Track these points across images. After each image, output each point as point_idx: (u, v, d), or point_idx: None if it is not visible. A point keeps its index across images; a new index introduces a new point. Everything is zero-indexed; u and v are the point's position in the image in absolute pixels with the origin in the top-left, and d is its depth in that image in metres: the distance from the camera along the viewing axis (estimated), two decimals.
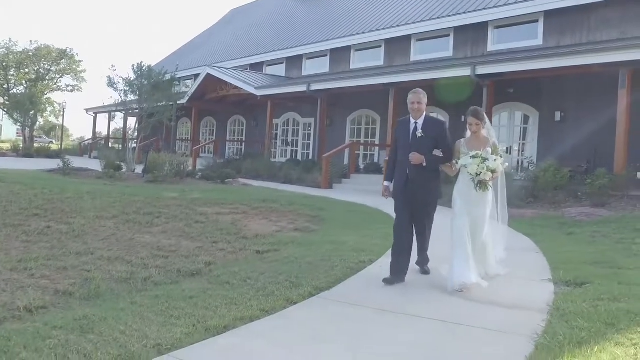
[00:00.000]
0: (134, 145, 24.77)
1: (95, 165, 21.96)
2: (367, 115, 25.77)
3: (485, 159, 5.93)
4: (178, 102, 21.01)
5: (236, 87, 27.57)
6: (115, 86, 19.52)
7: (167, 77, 21.03)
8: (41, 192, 12.85)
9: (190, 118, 33.96)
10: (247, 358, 4.08)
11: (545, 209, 12.66)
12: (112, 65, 28.36)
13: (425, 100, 6.47)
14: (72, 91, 62.06)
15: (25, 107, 36.48)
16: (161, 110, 18.90)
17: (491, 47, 20.95)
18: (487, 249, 6.47)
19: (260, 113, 30.38)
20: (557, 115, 18.11)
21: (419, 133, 6.33)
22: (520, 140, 19.99)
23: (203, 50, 42.27)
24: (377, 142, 24.56)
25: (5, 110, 56.37)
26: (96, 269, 6.47)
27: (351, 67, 27.08)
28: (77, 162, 25.00)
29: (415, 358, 4.28)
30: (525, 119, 19.82)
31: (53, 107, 62.54)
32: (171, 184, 16.42)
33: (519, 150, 19.89)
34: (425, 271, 6.80)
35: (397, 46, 24.75)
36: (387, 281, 6.21)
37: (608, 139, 14.85)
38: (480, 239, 6.29)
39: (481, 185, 6.00)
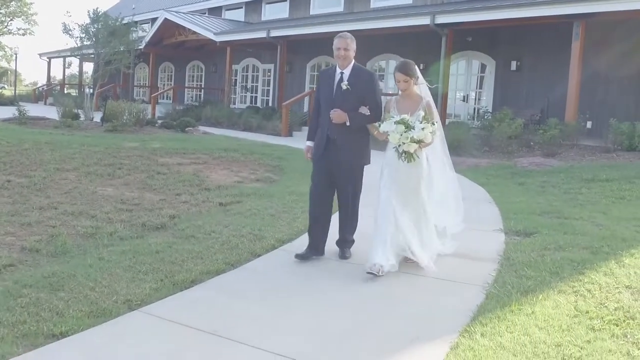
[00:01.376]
0: (90, 92, 24.28)
1: (52, 113, 21.54)
2: (327, 62, 25.69)
3: (409, 127, 5.05)
4: (136, 49, 20.55)
5: (195, 33, 27.10)
6: (70, 33, 19.04)
7: (124, 22, 20.55)
8: None
9: (147, 64, 33.33)
10: (215, 311, 4.28)
11: (499, 159, 13.07)
12: (67, 11, 27.53)
13: (353, 46, 5.50)
14: (23, 35, 60.34)
15: None
16: (118, 57, 18.54)
17: None
18: (421, 225, 5.52)
19: (219, 59, 30.02)
20: (513, 65, 18.45)
21: (344, 85, 5.42)
22: (477, 88, 20.30)
23: None
24: None
25: None
26: (61, 225, 6.54)
27: (311, 13, 26.86)
28: (32, 109, 24.41)
29: (380, 305, 4.54)
30: (482, 68, 20.10)
31: (4, 51, 60.68)
32: (131, 133, 16.29)
33: (475, 99, 20.23)
34: (343, 255, 5.74)
35: None
36: (299, 256, 5.54)
37: (561, 89, 15.27)
38: (412, 215, 5.44)
39: (406, 155, 5.20)
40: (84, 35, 18.64)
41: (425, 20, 17.22)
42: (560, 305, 4.44)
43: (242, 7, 31.20)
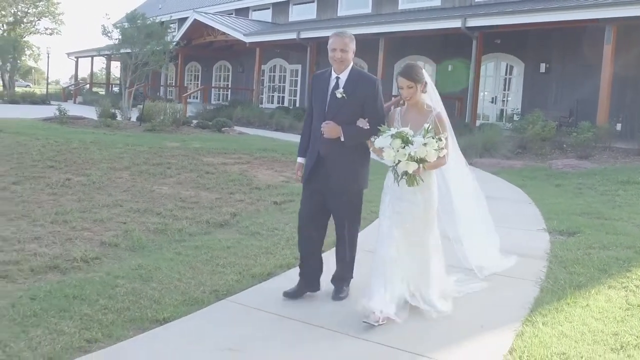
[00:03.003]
0: (118, 91, 24.77)
1: (84, 111, 22.15)
2: (356, 63, 25.95)
3: (407, 141, 4.13)
4: (171, 50, 21.10)
5: (224, 33, 27.61)
6: (109, 35, 19.63)
7: (162, 25, 21.11)
8: (47, 143, 13.20)
9: (175, 64, 33.92)
10: (295, 300, 4.67)
11: (533, 160, 13.39)
12: (106, 14, 28.13)
13: (352, 46, 4.58)
14: (50, 34, 61.31)
15: (7, 52, 35.99)
16: (155, 58, 19.08)
17: None
18: (429, 268, 4.57)
19: (246, 59, 30.53)
20: (542, 67, 18.68)
21: (339, 93, 4.50)
22: (505, 90, 20.55)
23: None
24: None
25: None
26: (131, 221, 6.98)
27: (338, 14, 27.27)
28: (55, 108, 25.03)
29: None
30: (510, 70, 20.35)
31: (32, 50, 61.64)
32: (169, 133, 16.81)
33: (505, 101, 20.49)
34: (337, 295, 4.78)
35: None
36: (288, 295, 4.71)
37: (590, 91, 15.51)
38: (417, 254, 4.52)
39: (408, 178, 4.24)
40: (121, 37, 19.17)
41: (456, 24, 17.54)
42: (612, 299, 4.79)
43: (269, 8, 31.65)
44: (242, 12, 33.03)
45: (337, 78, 4.58)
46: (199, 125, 19.07)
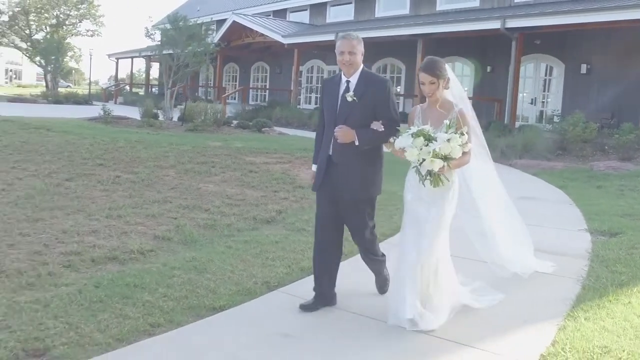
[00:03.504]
0: (157, 91, 25.28)
1: (125, 111, 22.68)
2: (392, 64, 26.20)
3: (430, 139, 3.99)
4: (211, 52, 21.53)
5: (262, 35, 27.95)
6: (152, 37, 20.12)
7: (202, 27, 21.55)
8: (95, 142, 13.66)
9: (214, 65, 34.45)
10: (344, 292, 4.86)
11: (573, 162, 13.36)
12: (150, 17, 28.85)
13: (361, 48, 4.48)
14: (91, 36, 62.56)
15: (52, 53, 36.96)
16: (196, 60, 19.51)
17: None
18: (437, 276, 4.31)
19: (284, 60, 30.86)
20: (583, 68, 18.53)
21: (349, 96, 4.39)
22: (544, 91, 20.44)
23: None
24: (402, 92, 25.06)
25: (28, 55, 56.99)
26: (181, 217, 7.27)
27: (376, 16, 27.37)
28: (98, 108, 25.54)
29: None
30: (550, 71, 20.24)
31: (73, 52, 63.01)
32: (211, 133, 17.18)
33: (545, 102, 20.38)
34: (383, 289, 4.91)
35: None
36: (305, 307, 4.52)
37: (633, 93, 15.37)
38: (426, 259, 4.24)
39: (432, 178, 4.07)
40: (164, 39, 19.63)
41: (495, 25, 17.50)
42: None
43: (306, 10, 31.90)
44: (280, 13, 33.35)
45: (347, 82, 4.48)
46: (240, 126, 19.42)
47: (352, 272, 5.23)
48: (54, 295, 4.50)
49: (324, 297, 4.61)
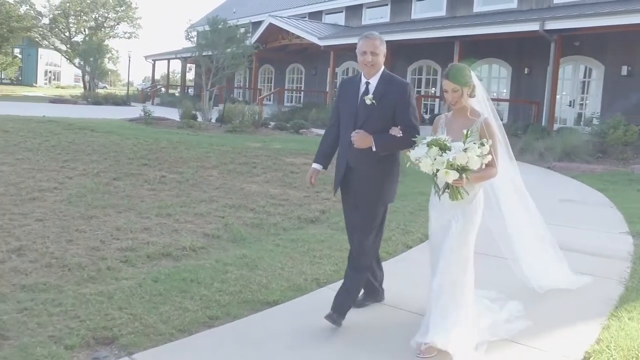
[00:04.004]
0: (192, 92, 25.71)
1: (162, 112, 23.06)
2: (428, 66, 26.23)
3: (445, 148, 3.71)
4: (250, 54, 21.87)
5: (298, 37, 28.23)
6: (192, 40, 20.52)
7: (241, 30, 21.90)
8: (138, 143, 14.02)
9: (249, 67, 34.81)
10: (391, 290, 5.01)
11: (614, 165, 13.29)
12: (189, 19, 29.46)
13: (383, 49, 4.33)
14: (129, 38, 63.80)
15: (92, 55, 37.83)
16: (235, 62, 19.87)
17: None
18: (457, 296, 3.96)
19: (320, 62, 31.09)
20: (624, 70, 18.35)
21: (368, 99, 4.22)
22: (583, 93, 20.28)
23: None
24: (437, 94, 25.10)
25: (67, 57, 58.30)
26: (228, 216, 7.50)
27: (412, 17, 27.42)
28: (136, 109, 25.95)
29: (531, 294, 5.14)
30: (589, 73, 20.07)
31: (111, 53, 64.26)
32: (249, 134, 17.47)
33: (583, 104, 20.22)
34: (330, 316, 4.23)
35: None
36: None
37: None
38: (440, 280, 3.96)
39: (451, 191, 3.82)
40: (204, 42, 20.01)
41: (534, 27, 17.44)
42: None
43: (342, 12, 32.08)
44: (315, 15, 33.59)
45: (367, 83, 4.31)
46: (277, 127, 19.68)
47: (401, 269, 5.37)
48: (116, 288, 4.75)
49: (369, 293, 4.64)
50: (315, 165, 4.62)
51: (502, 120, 17.85)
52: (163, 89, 46.01)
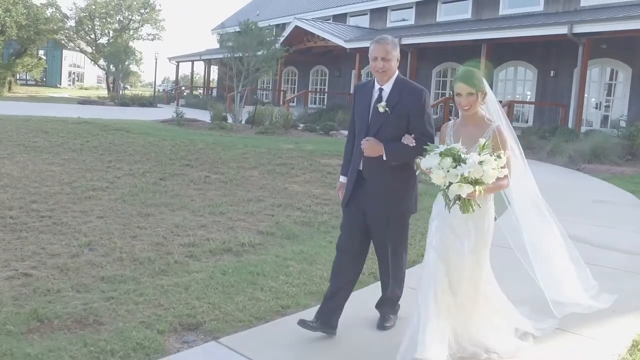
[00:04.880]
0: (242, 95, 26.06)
1: (190, 113, 23.41)
2: (453, 68, 26.43)
3: (459, 160, 3.46)
4: (281, 57, 22.31)
5: (323, 39, 28.57)
6: (224, 42, 20.97)
7: (273, 32, 22.31)
8: (175, 144, 14.47)
9: (274, 69, 35.20)
10: None
11: None
12: (222, 23, 29.88)
13: (396, 54, 4.09)
14: (152, 40, 64.62)
15: (119, 57, 38.53)
16: (267, 65, 20.29)
17: (584, 2, 21.14)
18: (478, 309, 3.89)
19: (343, 64, 31.44)
20: None
21: (381, 107, 4.05)
22: (609, 95, 20.42)
23: (285, 0, 43.02)
24: None
25: (92, 59, 59.17)
26: (277, 214, 7.87)
27: (437, 20, 27.64)
28: (164, 110, 26.31)
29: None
30: (615, 75, 20.21)
31: (134, 55, 65.16)
32: (280, 135, 17.87)
33: (610, 107, 20.35)
34: (382, 324, 4.38)
35: None
36: (304, 324, 4.13)
37: None
38: (459, 292, 3.80)
39: (462, 204, 3.56)
40: (235, 45, 20.41)
41: (562, 30, 17.66)
42: None
43: (367, 14, 32.39)
44: (340, 18, 33.91)
45: (381, 89, 4.12)
46: (306, 129, 20.05)
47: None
48: (189, 280, 5.12)
49: (326, 323, 4.19)
50: (342, 179, 4.47)
51: (527, 122, 18.15)
52: (186, 91, 46.62)
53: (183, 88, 48.18)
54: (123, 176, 10.29)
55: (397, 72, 4.13)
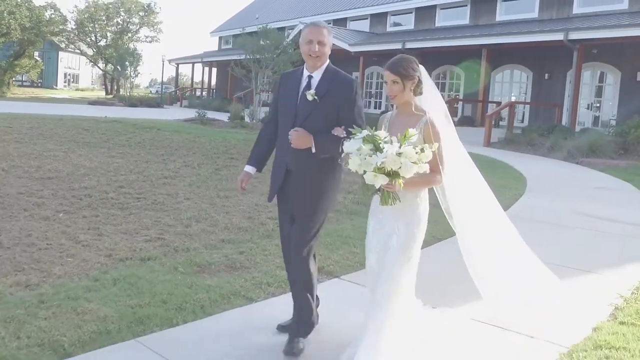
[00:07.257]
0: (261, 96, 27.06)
1: (190, 113, 24.37)
2: (452, 70, 27.99)
3: (379, 149, 3.23)
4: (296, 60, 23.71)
5: None
6: (244, 47, 22.35)
7: (290, 39, 23.66)
8: (211, 140, 15.81)
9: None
10: None
11: (636, 160, 15.19)
12: (243, 28, 31.11)
13: (330, 39, 3.90)
14: (150, 42, 65.78)
15: (125, 59, 39.74)
16: (284, 68, 21.67)
17: (577, 9, 22.69)
18: (384, 322, 3.55)
19: (344, 65, 32.12)
20: (639, 76, 20.12)
21: (310, 95, 3.82)
22: (601, 97, 22.06)
23: (284, 4, 44.28)
24: (461, 97, 26.90)
25: (92, 61, 60.15)
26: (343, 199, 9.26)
27: (436, 25, 29.13)
28: (173, 110, 27.21)
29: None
30: (604, 78, 21.85)
31: (133, 57, 66.31)
32: None
33: (597, 107, 22.04)
34: (290, 349, 3.86)
35: (484, 5, 26.65)
36: (281, 328, 4.16)
37: None
38: (378, 289, 3.59)
39: (382, 195, 3.43)
40: (254, 48, 21.77)
41: (558, 37, 19.22)
42: None
43: (367, 19, 33.78)
44: (340, 22, 35.23)
45: (310, 77, 3.89)
46: None
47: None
48: None
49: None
50: (247, 168, 4.17)
51: (522, 122, 19.61)
52: (187, 92, 47.85)
53: (186, 89, 49.40)
54: (182, 167, 11.55)
55: (328, 61, 3.93)
